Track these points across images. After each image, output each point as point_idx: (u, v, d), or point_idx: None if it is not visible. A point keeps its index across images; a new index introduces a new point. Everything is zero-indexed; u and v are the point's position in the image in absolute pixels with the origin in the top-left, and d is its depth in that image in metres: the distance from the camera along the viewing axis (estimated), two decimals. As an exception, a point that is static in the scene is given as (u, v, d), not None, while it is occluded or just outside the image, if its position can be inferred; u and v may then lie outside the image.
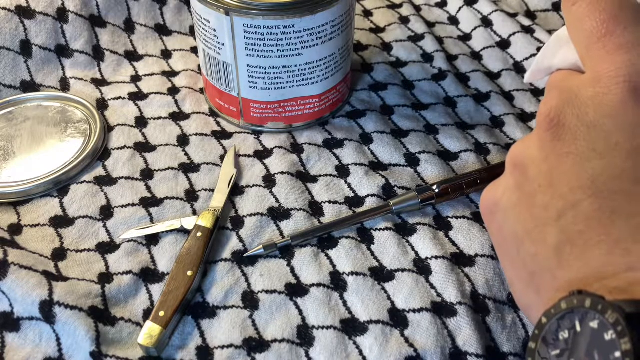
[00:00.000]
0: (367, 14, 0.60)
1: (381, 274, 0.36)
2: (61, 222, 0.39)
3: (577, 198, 0.23)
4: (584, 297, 0.20)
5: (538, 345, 0.22)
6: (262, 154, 0.44)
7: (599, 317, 0.19)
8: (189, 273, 0.35)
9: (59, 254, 0.38)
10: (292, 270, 0.37)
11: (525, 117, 0.48)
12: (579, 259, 0.23)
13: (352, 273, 0.36)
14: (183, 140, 0.45)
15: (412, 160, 0.44)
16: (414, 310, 0.34)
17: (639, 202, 0.22)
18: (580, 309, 0.20)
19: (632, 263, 0.21)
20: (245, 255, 0.37)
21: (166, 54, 0.54)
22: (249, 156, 0.44)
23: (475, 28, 0.57)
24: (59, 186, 0.41)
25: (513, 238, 0.26)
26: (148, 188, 0.42)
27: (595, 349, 0.19)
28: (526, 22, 0.56)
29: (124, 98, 0.49)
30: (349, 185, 0.42)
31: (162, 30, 0.56)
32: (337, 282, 0.36)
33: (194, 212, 0.40)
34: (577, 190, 0.23)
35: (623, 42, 0.23)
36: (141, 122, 0.47)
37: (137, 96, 0.49)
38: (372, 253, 0.37)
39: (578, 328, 0.20)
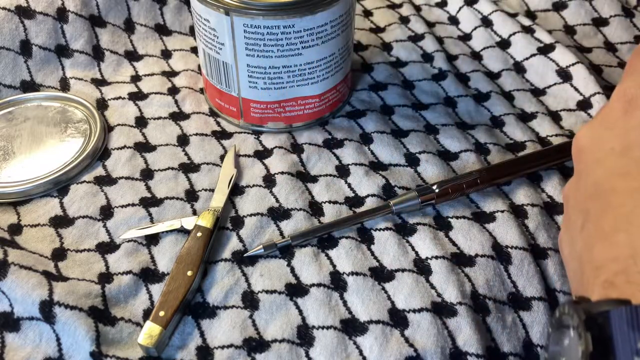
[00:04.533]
0: (367, 14, 0.60)
1: (381, 274, 0.36)
2: (61, 222, 0.39)
3: (586, 207, 0.25)
4: (565, 304, 0.21)
5: (549, 355, 0.23)
6: (262, 154, 0.44)
7: (570, 321, 0.21)
8: (189, 273, 0.35)
9: (59, 254, 0.38)
10: (292, 270, 0.37)
11: (525, 117, 0.48)
12: (588, 261, 0.24)
13: (352, 273, 0.36)
14: (183, 140, 0.45)
15: (412, 160, 0.44)
16: (414, 310, 0.34)
17: (624, 194, 0.23)
18: (565, 315, 0.21)
19: (617, 254, 0.22)
20: (245, 255, 0.37)
21: (166, 54, 0.54)
22: (249, 156, 0.44)
23: (475, 28, 0.57)
24: (59, 186, 0.41)
25: (567, 252, 0.29)
26: (148, 188, 0.42)
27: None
28: (526, 22, 0.56)
29: (124, 98, 0.49)
30: (349, 185, 0.42)
31: (162, 30, 0.56)
32: (337, 282, 0.36)
33: (194, 212, 0.40)
34: (586, 200, 0.26)
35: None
36: (141, 122, 0.47)
37: (137, 96, 0.49)
38: (372, 253, 0.37)
39: (571, 333, 0.21)
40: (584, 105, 0.48)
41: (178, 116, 0.48)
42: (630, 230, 0.22)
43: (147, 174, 0.43)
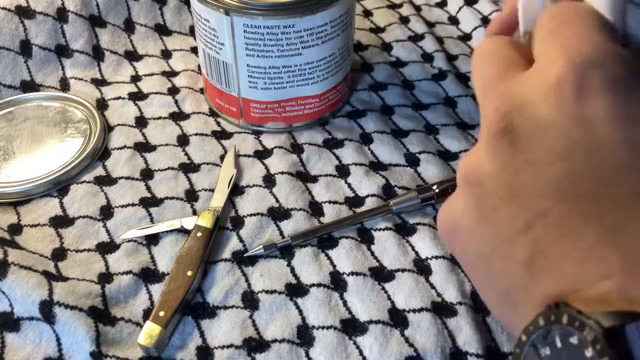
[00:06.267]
0: (367, 14, 0.60)
1: (381, 274, 0.36)
2: (61, 222, 0.39)
3: (544, 206, 0.21)
4: (561, 313, 0.19)
5: None
6: (262, 154, 0.44)
7: (577, 334, 0.18)
8: (189, 273, 0.35)
9: (59, 254, 0.38)
10: (292, 270, 0.37)
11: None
12: (552, 270, 0.21)
13: (352, 273, 0.36)
14: (183, 140, 0.45)
15: (412, 160, 0.44)
16: (414, 310, 0.34)
17: (606, 202, 0.20)
18: (558, 325, 0.19)
19: (607, 270, 0.20)
20: (245, 255, 0.37)
21: (166, 54, 0.54)
22: (249, 156, 0.44)
23: (475, 28, 0.57)
24: (59, 186, 0.41)
25: (480, 258, 0.24)
26: (148, 188, 0.42)
27: None
28: (526, 22, 0.56)
29: (124, 98, 0.49)
30: (349, 185, 0.42)
31: (162, 30, 0.56)
32: (337, 282, 0.36)
33: (194, 212, 0.40)
34: (543, 197, 0.21)
35: (565, 43, 0.22)
36: (141, 122, 0.47)
37: (137, 96, 0.49)
38: (372, 253, 0.37)
39: (558, 344, 0.19)
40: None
41: (178, 116, 0.48)
42: (622, 244, 0.20)
43: (147, 174, 0.43)
